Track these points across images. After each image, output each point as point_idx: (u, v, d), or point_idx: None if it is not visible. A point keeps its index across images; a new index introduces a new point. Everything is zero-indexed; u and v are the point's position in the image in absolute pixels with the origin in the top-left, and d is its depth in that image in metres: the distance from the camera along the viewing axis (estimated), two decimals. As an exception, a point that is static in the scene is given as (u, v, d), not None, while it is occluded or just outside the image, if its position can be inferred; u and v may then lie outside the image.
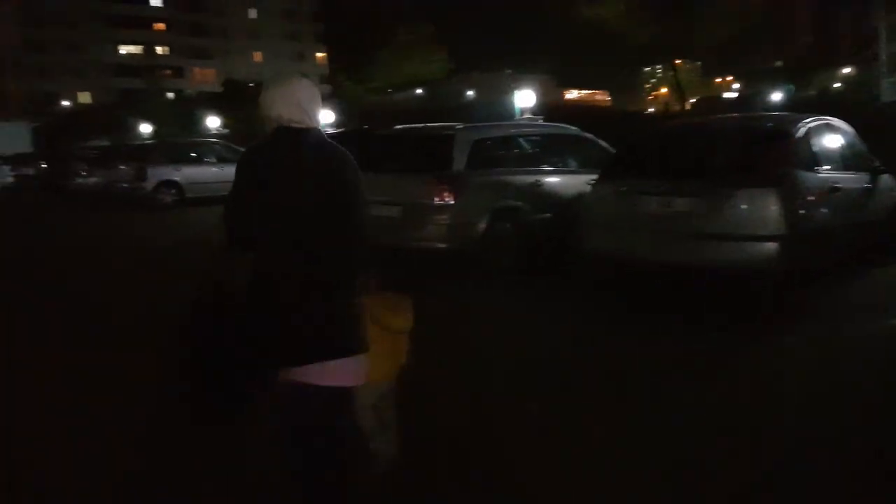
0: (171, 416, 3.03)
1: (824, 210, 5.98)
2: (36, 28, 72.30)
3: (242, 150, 16.41)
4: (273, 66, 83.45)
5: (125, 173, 16.36)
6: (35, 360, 5.18)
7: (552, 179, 8.21)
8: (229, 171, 13.25)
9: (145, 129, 38.41)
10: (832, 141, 6.65)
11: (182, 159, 16.72)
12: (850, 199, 6.43)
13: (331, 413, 2.46)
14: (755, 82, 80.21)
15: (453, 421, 3.83)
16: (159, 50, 78.90)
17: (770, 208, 5.50)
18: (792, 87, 66.13)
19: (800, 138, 6.06)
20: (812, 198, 5.82)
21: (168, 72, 74.61)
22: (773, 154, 5.84)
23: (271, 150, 2.51)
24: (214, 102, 41.79)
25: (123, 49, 76.61)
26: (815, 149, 6.23)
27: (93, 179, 18.48)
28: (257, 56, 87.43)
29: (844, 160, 6.68)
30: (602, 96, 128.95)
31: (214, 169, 16.64)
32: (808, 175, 5.92)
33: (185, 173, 16.22)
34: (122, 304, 6.83)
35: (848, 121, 7.12)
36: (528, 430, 3.81)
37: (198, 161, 17.02)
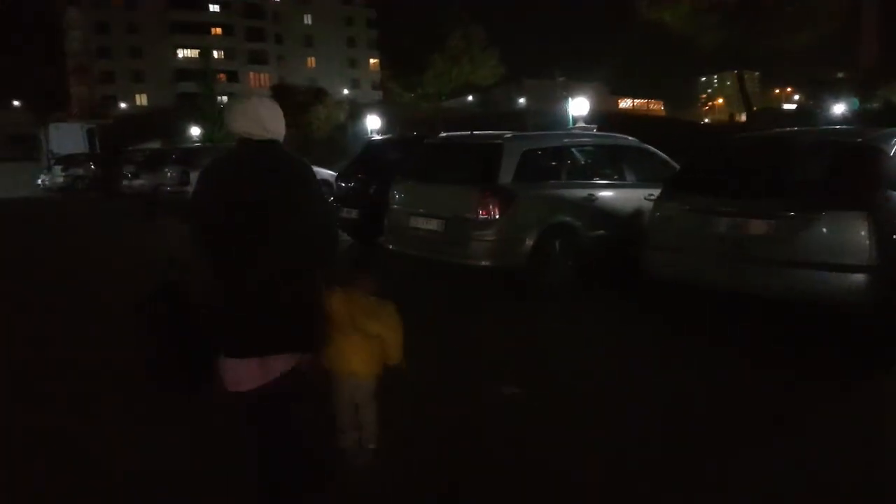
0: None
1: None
2: (101, 34, 74.89)
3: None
4: (327, 71, 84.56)
5: (169, 177, 16.32)
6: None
7: (608, 194, 7.63)
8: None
9: (195, 132, 38.91)
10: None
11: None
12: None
13: (281, 408, 2.72)
14: (816, 94, 77.48)
15: (498, 456, 3.55)
16: (216, 55, 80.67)
17: (860, 234, 4.83)
18: (856, 99, 63.63)
19: (891, 154, 5.36)
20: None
21: (223, 76, 76.14)
22: (864, 173, 5.15)
23: (232, 158, 2.79)
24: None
25: (181, 53, 78.53)
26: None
27: (138, 182, 18.56)
28: (311, 62, 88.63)
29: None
30: (656, 105, 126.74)
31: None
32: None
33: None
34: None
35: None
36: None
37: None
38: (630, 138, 8.70)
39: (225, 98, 69.13)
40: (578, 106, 17.50)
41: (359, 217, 10.01)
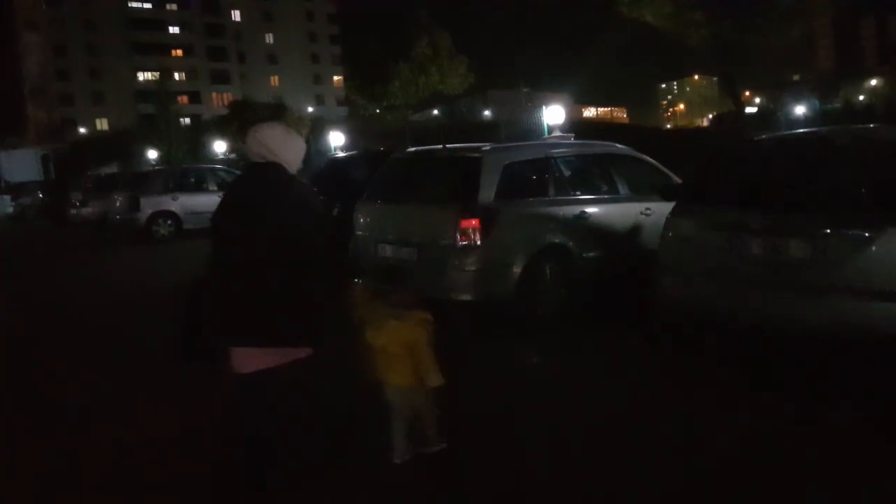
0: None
1: None
2: (59, 56, 72.79)
3: None
4: (291, 88, 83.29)
5: (119, 204, 15.08)
6: None
7: (601, 210, 6.71)
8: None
9: (153, 155, 37.44)
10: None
11: (180, 188, 15.39)
12: None
13: (260, 393, 3.12)
14: (776, 96, 78.48)
15: None
16: (177, 76, 78.95)
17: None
18: (816, 100, 64.43)
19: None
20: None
21: (184, 97, 74.58)
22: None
23: (241, 178, 3.52)
24: (225, 126, 40.75)
25: (142, 76, 76.76)
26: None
27: (87, 210, 17.30)
28: (275, 80, 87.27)
29: None
30: (619, 113, 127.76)
31: (216, 198, 15.26)
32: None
33: (182, 203, 14.88)
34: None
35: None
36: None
37: (198, 189, 15.69)
38: (621, 147, 7.79)
39: (187, 120, 67.85)
40: (553, 114, 16.71)
41: (321, 243, 8.94)
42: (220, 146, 39.98)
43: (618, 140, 8.15)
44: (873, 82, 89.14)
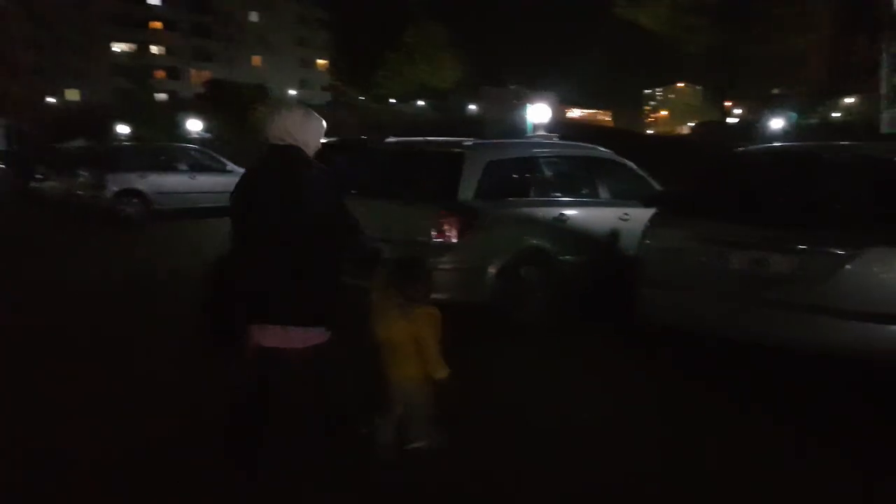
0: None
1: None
2: (35, 27, 70.80)
3: (221, 157, 13.94)
4: (276, 70, 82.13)
5: (83, 180, 14.50)
6: None
7: (582, 213, 6.55)
8: (203, 180, 11.26)
9: (124, 130, 36.56)
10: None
11: (149, 166, 14.73)
12: None
13: (288, 369, 3.16)
14: (757, 108, 79.26)
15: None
16: (157, 50, 77.36)
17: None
18: (794, 114, 65.23)
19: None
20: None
21: (162, 73, 73.17)
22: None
23: (260, 160, 3.32)
24: (202, 105, 39.97)
25: (119, 48, 75.02)
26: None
27: (49, 184, 16.53)
28: (259, 60, 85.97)
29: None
30: (604, 116, 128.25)
31: (186, 178, 14.84)
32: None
33: (151, 182, 14.24)
34: None
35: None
36: None
37: (168, 168, 15.14)
38: (603, 149, 7.66)
39: (164, 95, 66.52)
40: (538, 113, 16.53)
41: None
42: (195, 125, 39.22)
43: (600, 143, 8.03)
44: (851, 100, 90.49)
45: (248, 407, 3.25)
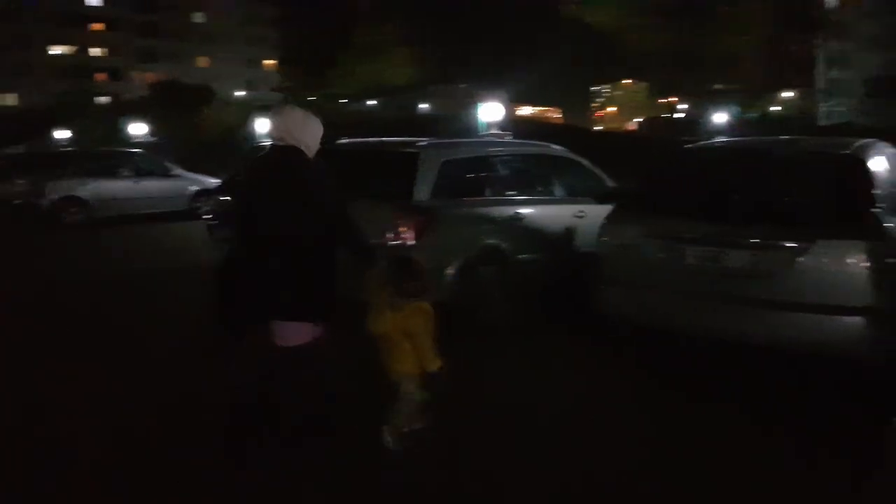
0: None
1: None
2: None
3: (167, 162, 13.59)
4: (223, 71, 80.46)
5: (20, 187, 13.88)
6: None
7: (538, 211, 6.57)
8: (148, 185, 10.97)
9: (64, 135, 35.26)
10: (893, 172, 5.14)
11: (91, 172, 14.30)
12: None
13: (294, 365, 3.29)
14: (699, 103, 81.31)
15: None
16: (99, 51, 74.94)
17: (859, 268, 3.95)
18: (738, 109, 67.18)
19: (878, 169, 4.53)
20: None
21: (104, 74, 71.01)
22: (853, 190, 4.28)
23: (261, 158, 3.56)
24: (147, 108, 38.85)
25: (59, 49, 72.43)
26: (891, 184, 4.71)
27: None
28: (206, 61, 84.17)
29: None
30: (554, 113, 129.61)
31: (130, 183, 14.43)
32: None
33: (92, 188, 13.86)
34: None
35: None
36: None
37: (112, 174, 14.69)
38: (557, 147, 7.71)
39: (106, 98, 64.45)
40: (491, 111, 16.54)
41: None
42: (140, 128, 38.10)
43: (551, 140, 8.08)
44: (790, 94, 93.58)
45: (247, 407, 3.34)
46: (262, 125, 29.53)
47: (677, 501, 3.18)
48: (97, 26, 76.98)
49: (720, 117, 55.67)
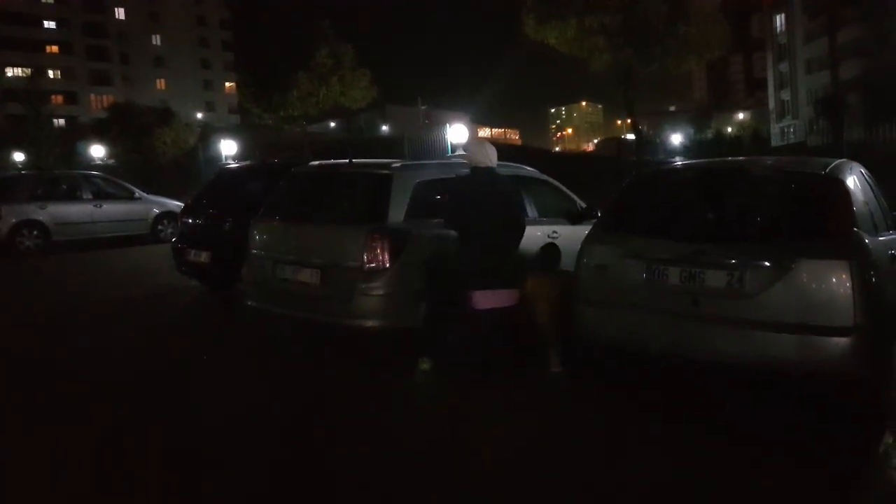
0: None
1: (892, 287, 4.48)
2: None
3: (128, 185, 13.34)
4: (179, 93, 79.51)
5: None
6: None
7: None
8: (109, 209, 10.71)
9: (20, 158, 34.22)
10: (869, 193, 5.23)
11: (50, 196, 13.89)
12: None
13: (493, 322, 4.99)
14: (654, 124, 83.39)
15: None
16: (51, 74, 73.24)
17: (841, 288, 3.96)
18: (692, 130, 68.96)
19: (854, 189, 4.58)
20: (882, 271, 4.31)
21: (59, 97, 69.39)
22: (834, 210, 4.31)
23: (471, 179, 5.20)
24: (104, 130, 37.93)
25: (10, 72, 70.59)
26: (869, 203, 4.79)
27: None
28: (161, 83, 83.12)
29: (884, 216, 5.25)
30: (512, 134, 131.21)
31: (90, 207, 14.03)
32: (873, 239, 4.42)
33: (51, 212, 13.44)
34: None
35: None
36: None
37: (70, 197, 14.27)
38: (529, 168, 7.70)
39: (61, 121, 62.85)
40: (457, 133, 16.59)
41: (210, 261, 8.26)
42: (97, 151, 37.19)
43: (514, 161, 8.07)
44: (741, 115, 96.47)
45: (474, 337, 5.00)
46: (225, 146, 29.13)
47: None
48: (51, 48, 75.53)
49: (676, 138, 57.12)
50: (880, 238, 4.59)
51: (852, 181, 4.66)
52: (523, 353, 5.33)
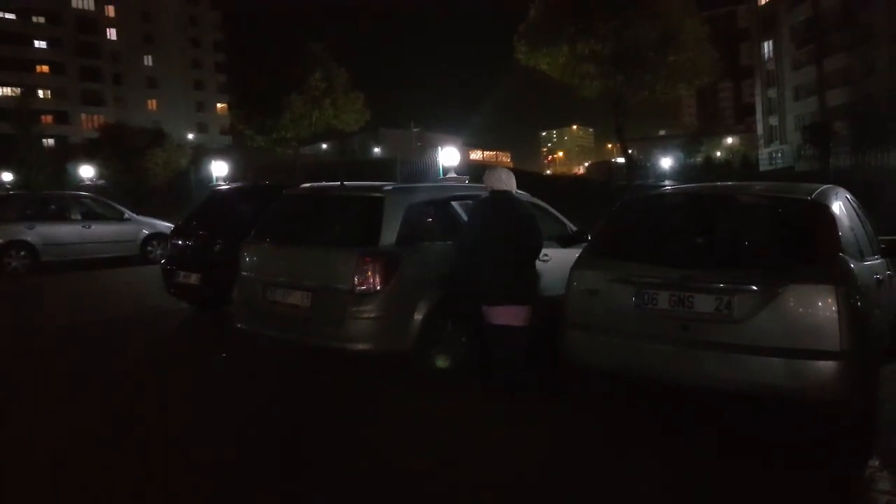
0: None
1: (878, 312, 4.54)
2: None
3: (118, 206, 13.38)
4: (171, 114, 79.67)
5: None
6: None
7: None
8: (99, 230, 10.73)
9: (8, 178, 34.07)
10: (855, 218, 5.31)
11: (38, 216, 13.81)
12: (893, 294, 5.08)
13: (511, 338, 5.19)
14: (644, 149, 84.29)
15: None
16: (42, 94, 73.27)
17: (828, 313, 3.99)
18: (682, 154, 69.66)
19: (839, 214, 4.64)
20: (868, 296, 4.36)
21: (49, 117, 69.39)
22: (820, 235, 4.36)
23: (491, 202, 5.48)
24: (96, 151, 37.85)
25: (1, 91, 70.59)
26: (855, 229, 4.85)
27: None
28: (153, 104, 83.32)
29: (869, 241, 5.32)
30: (504, 157, 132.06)
31: (79, 227, 13.97)
32: (859, 264, 4.47)
33: (40, 232, 13.36)
34: None
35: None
36: None
37: (59, 218, 14.19)
38: (519, 191, 7.72)
39: (51, 141, 62.77)
40: (448, 156, 16.70)
41: (199, 283, 8.24)
42: (87, 171, 37.11)
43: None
44: (730, 140, 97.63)
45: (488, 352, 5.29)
46: (217, 167, 29.13)
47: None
48: (43, 69, 75.63)
49: (665, 163, 57.69)
50: (866, 263, 4.66)
51: (838, 207, 4.72)
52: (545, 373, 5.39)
